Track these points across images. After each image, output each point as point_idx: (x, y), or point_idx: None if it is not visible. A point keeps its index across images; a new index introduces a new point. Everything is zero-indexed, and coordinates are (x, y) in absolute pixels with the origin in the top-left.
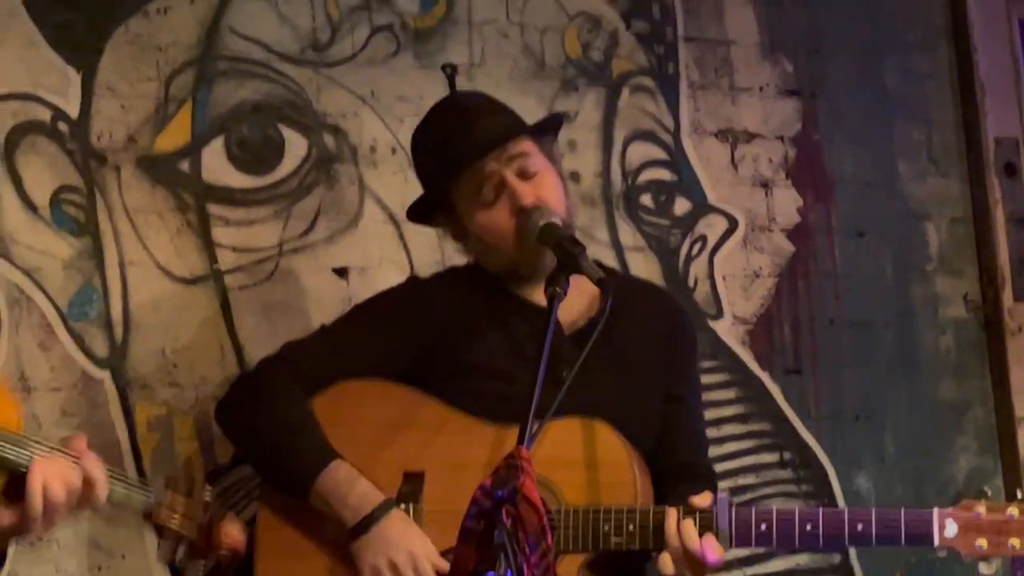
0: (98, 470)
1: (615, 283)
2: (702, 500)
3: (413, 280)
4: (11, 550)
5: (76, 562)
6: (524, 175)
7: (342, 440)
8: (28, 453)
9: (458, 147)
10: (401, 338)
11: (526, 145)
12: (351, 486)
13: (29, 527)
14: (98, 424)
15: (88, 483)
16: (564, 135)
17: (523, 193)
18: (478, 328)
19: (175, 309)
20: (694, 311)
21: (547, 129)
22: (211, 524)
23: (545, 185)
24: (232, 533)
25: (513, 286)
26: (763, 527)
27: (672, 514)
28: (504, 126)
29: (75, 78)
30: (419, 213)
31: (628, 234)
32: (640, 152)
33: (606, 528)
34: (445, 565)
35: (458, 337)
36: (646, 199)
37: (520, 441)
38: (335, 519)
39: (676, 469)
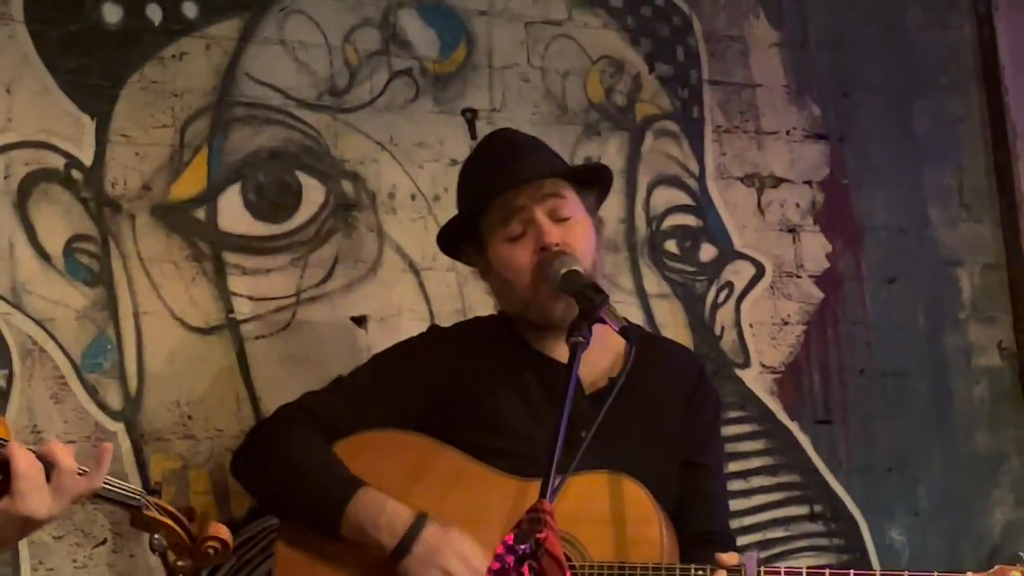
0: (61, 454)
1: (639, 336)
2: (730, 558)
3: (434, 329)
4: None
5: None
6: (556, 217)
7: None
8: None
9: (494, 177)
10: (418, 388)
11: (564, 189)
12: (381, 509)
13: (15, 505)
14: (112, 477)
15: (54, 465)
16: None
17: (550, 232)
18: (493, 383)
19: (190, 359)
20: (721, 360)
21: (592, 180)
22: (195, 523)
23: (575, 233)
24: (219, 531)
25: (533, 339)
26: None
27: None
28: (544, 164)
29: (89, 125)
30: (448, 244)
31: (653, 281)
32: (664, 197)
33: None
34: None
35: (473, 391)
36: (671, 245)
37: (543, 495)
38: (373, 546)
39: (697, 537)
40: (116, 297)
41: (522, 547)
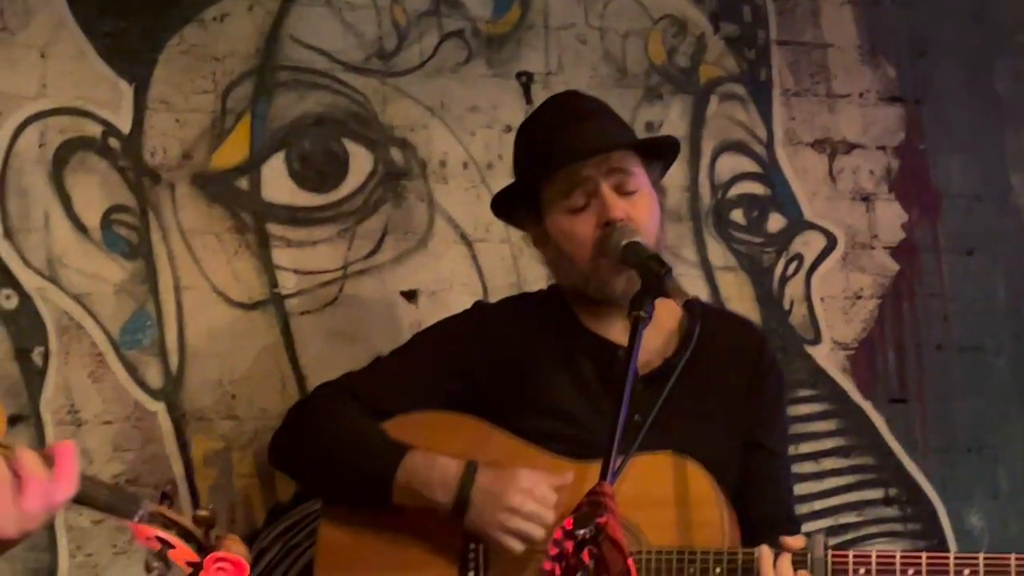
0: (26, 461)
1: (702, 311)
2: (795, 541)
3: (478, 307)
4: None
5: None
6: (621, 190)
7: None
8: None
9: (560, 145)
10: (462, 369)
11: (631, 161)
12: (431, 467)
13: None
14: (152, 459)
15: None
16: None
17: (615, 207)
18: (543, 363)
19: (233, 336)
20: (790, 336)
21: (659, 151)
22: (208, 538)
23: (640, 206)
24: (236, 546)
25: (585, 316)
26: (861, 571)
27: (767, 554)
28: (614, 135)
29: (127, 91)
30: (504, 209)
31: (718, 253)
32: (730, 164)
33: (691, 570)
34: (559, 481)
35: (521, 371)
36: (737, 215)
37: (603, 477)
38: (429, 506)
39: (760, 521)
40: (156, 271)
41: (582, 532)
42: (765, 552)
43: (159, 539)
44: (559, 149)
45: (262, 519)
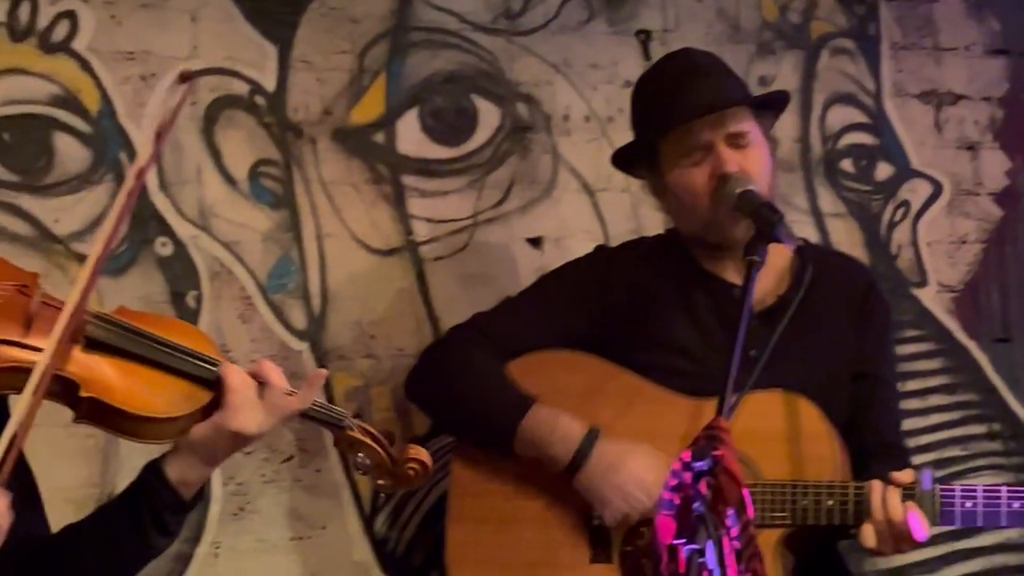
0: (273, 372)
1: (812, 252)
2: (904, 476)
3: (600, 250)
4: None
5: (278, 532)
6: (735, 145)
7: None
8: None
9: (677, 103)
10: (585, 308)
11: (744, 116)
12: (554, 424)
13: (227, 419)
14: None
15: (265, 382)
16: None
17: (729, 160)
18: (661, 301)
19: (371, 281)
20: (897, 279)
21: (770, 105)
22: (394, 446)
23: (753, 159)
24: (419, 454)
25: (701, 258)
26: (968, 505)
27: (877, 488)
28: (727, 93)
29: (271, 52)
30: (623, 161)
31: (828, 200)
32: (840, 116)
33: (804, 503)
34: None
35: (641, 310)
36: (846, 164)
37: (719, 413)
38: (546, 461)
39: (869, 448)
40: (299, 220)
41: (699, 464)
42: (875, 486)
43: (361, 443)
44: (676, 107)
45: None
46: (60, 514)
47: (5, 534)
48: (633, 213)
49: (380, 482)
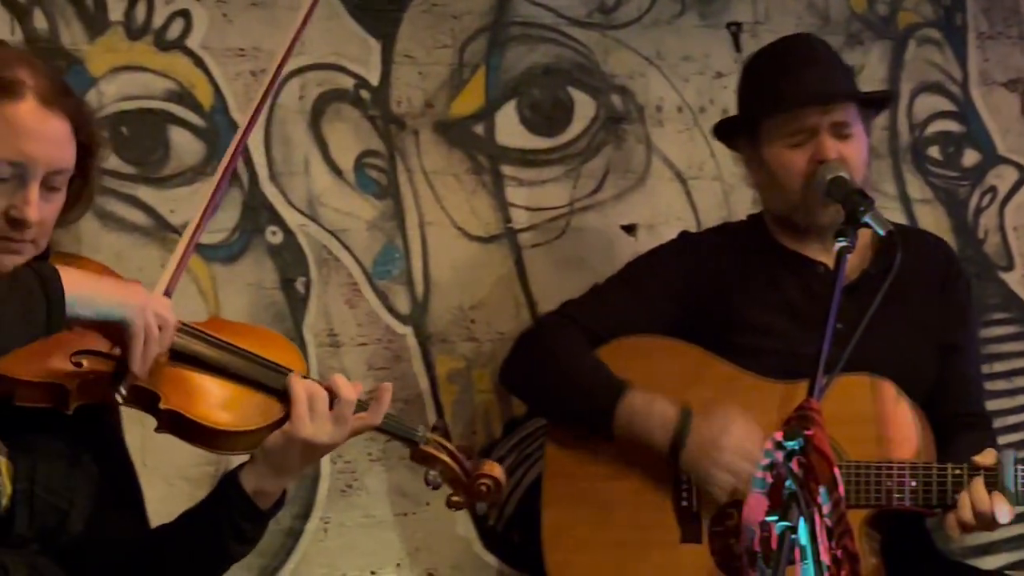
0: (344, 387)
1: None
2: (985, 459)
3: (685, 235)
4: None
5: (384, 508)
6: (838, 134)
7: None
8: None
9: (790, 87)
10: (673, 292)
11: (849, 108)
12: (650, 407)
13: (297, 430)
14: (402, 376)
15: (336, 394)
16: None
17: (828, 148)
18: (746, 282)
19: (472, 267)
20: (984, 263)
21: (874, 102)
22: (471, 462)
23: (852, 149)
24: (493, 470)
25: (784, 238)
26: None
27: (963, 495)
28: (839, 85)
29: (375, 47)
30: (724, 132)
31: (916, 187)
32: (927, 104)
33: (888, 484)
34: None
35: (727, 292)
36: (934, 151)
37: (810, 393)
38: (646, 444)
39: (953, 418)
40: (403, 209)
41: (791, 443)
42: (962, 497)
43: (435, 458)
44: (787, 92)
45: (499, 431)
46: (178, 491)
47: (172, 329)
48: (724, 201)
49: (454, 498)
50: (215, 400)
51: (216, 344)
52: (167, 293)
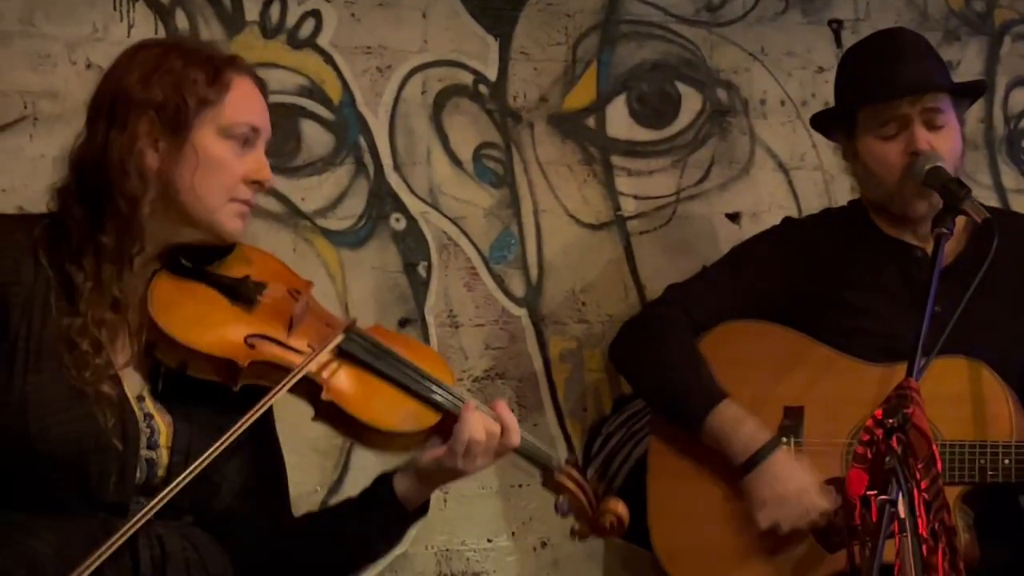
0: (511, 418)
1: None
2: None
3: (787, 221)
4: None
5: (500, 479)
6: (930, 125)
7: (729, 378)
8: (459, 401)
9: (882, 79)
10: (776, 277)
11: (942, 99)
12: (739, 425)
13: (452, 461)
14: (516, 356)
15: (505, 430)
16: None
17: (921, 139)
18: (847, 267)
19: (583, 252)
20: None
21: (967, 93)
22: (598, 497)
23: (945, 139)
24: (618, 507)
25: (883, 224)
26: None
27: None
28: (931, 76)
29: (493, 44)
30: (821, 123)
31: (1011, 177)
32: (1022, 98)
33: (982, 462)
34: (829, 499)
35: (827, 276)
36: None
37: (909, 374)
38: (725, 455)
39: None
40: (518, 197)
41: (890, 421)
42: None
43: (565, 488)
44: (881, 83)
45: (609, 407)
46: (309, 461)
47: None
48: (825, 190)
49: (577, 528)
50: (374, 400)
51: (383, 351)
52: None
